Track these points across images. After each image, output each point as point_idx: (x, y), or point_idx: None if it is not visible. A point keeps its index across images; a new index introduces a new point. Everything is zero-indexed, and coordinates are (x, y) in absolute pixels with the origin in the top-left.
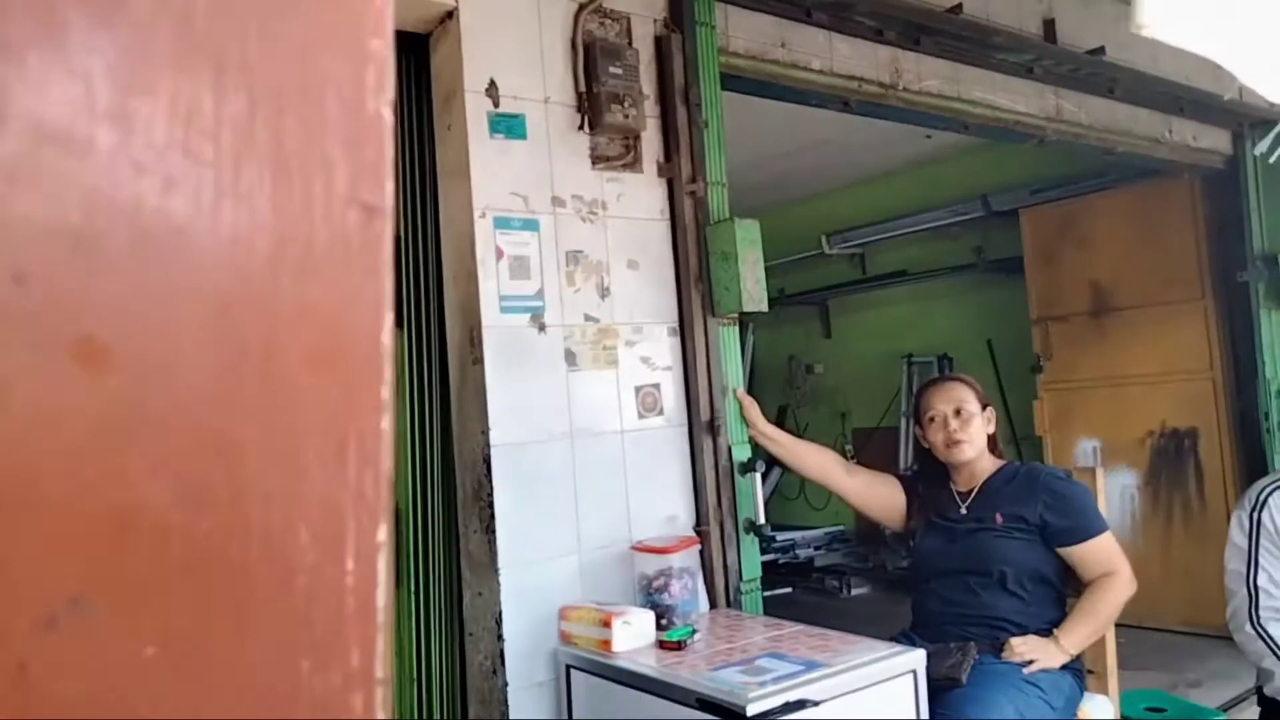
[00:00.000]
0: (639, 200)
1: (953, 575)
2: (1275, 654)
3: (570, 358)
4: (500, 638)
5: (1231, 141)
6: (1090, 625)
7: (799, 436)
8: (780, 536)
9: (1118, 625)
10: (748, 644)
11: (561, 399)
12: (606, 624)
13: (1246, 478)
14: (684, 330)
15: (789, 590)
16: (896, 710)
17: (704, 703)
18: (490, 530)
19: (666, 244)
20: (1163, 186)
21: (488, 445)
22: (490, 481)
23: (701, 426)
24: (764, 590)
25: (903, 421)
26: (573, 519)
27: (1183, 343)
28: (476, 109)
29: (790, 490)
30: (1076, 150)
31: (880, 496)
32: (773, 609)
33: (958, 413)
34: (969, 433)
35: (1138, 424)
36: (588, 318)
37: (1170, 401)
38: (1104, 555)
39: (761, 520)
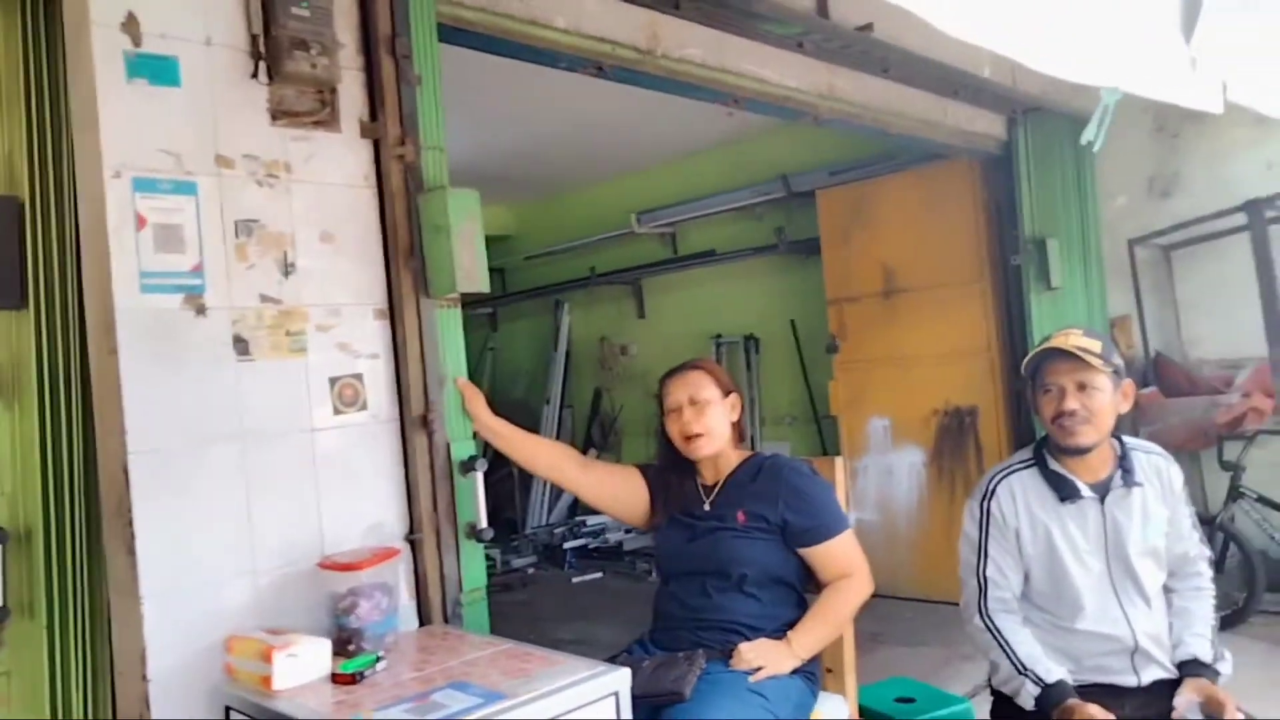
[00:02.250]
0: (335, 163)
1: (691, 576)
2: (1000, 646)
3: (240, 345)
4: (145, 677)
5: (1006, 126)
6: (823, 628)
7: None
8: (590, 521)
9: (903, 599)
10: (437, 672)
11: (228, 394)
12: (267, 657)
13: None
14: (394, 313)
15: (599, 575)
16: None
17: None
18: (133, 551)
19: (372, 214)
20: (945, 169)
21: (126, 451)
22: (129, 494)
23: (414, 421)
24: (577, 575)
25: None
26: (245, 534)
27: (964, 323)
28: (109, 47)
29: None
30: (854, 129)
31: (620, 494)
32: (585, 595)
33: (693, 402)
34: (705, 423)
35: (924, 402)
36: (265, 298)
37: (953, 380)
38: (842, 557)
39: (484, 524)
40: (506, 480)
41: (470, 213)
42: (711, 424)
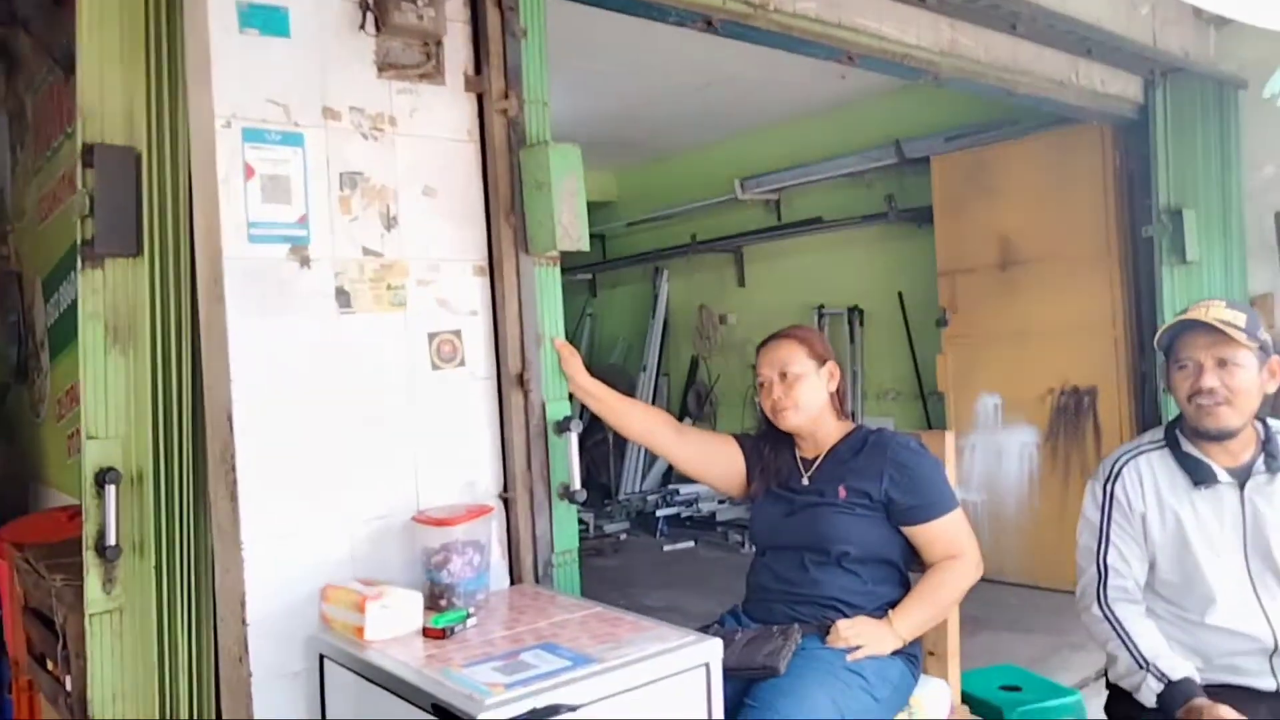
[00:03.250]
0: (439, 117)
1: (788, 550)
2: (1120, 637)
3: (343, 298)
4: (244, 621)
5: (1143, 89)
6: (928, 610)
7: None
8: (684, 489)
9: (1010, 584)
10: (526, 631)
11: (331, 345)
12: (360, 607)
13: None
14: (493, 270)
15: (691, 544)
16: (681, 710)
17: (439, 709)
18: (235, 497)
19: (474, 169)
20: (1074, 135)
21: (231, 399)
22: (233, 441)
23: (510, 379)
24: (669, 543)
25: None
26: (343, 486)
27: (1087, 298)
28: None
29: None
30: (977, 90)
31: (715, 463)
32: (676, 563)
33: (783, 376)
34: (794, 396)
35: (1039, 380)
36: (368, 251)
37: (1072, 358)
38: (950, 536)
39: (577, 485)
40: (601, 445)
41: (572, 169)
42: (802, 397)
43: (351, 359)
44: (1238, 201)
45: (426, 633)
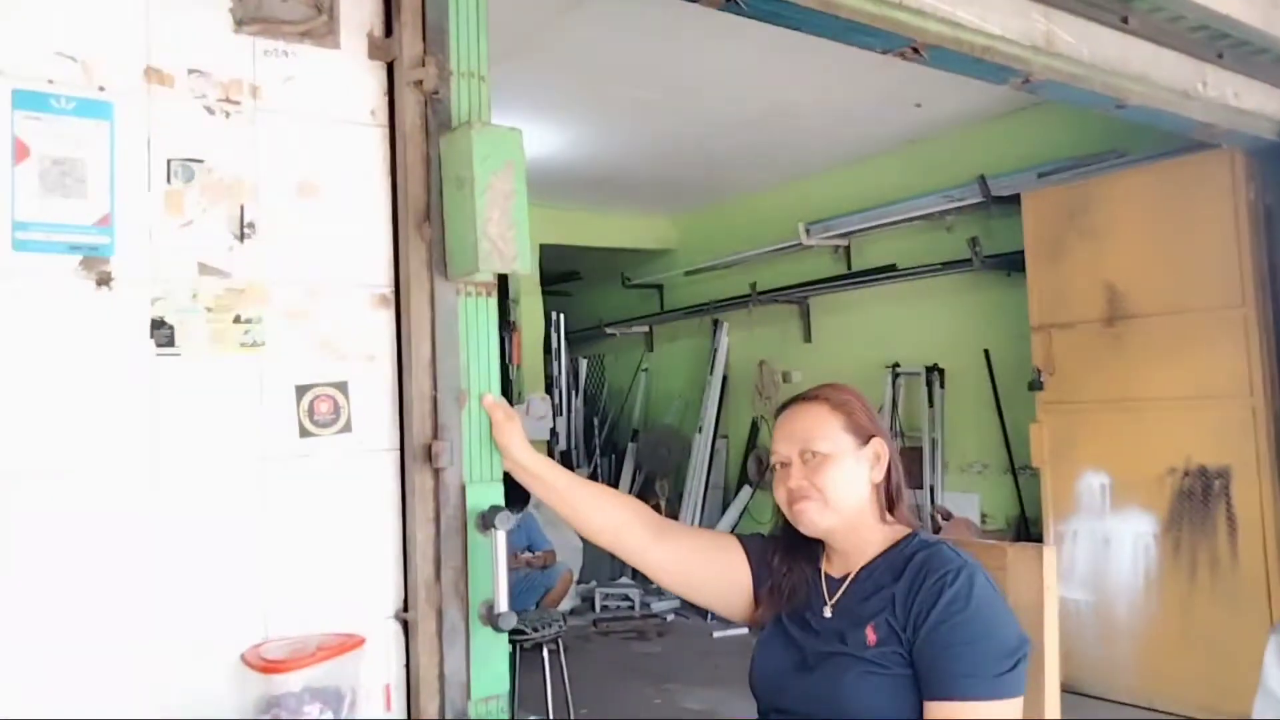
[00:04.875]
0: (328, 89)
1: (796, 717)
2: None
3: (162, 333)
4: None
5: None
6: None
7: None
8: None
9: (1118, 702)
10: None
11: (138, 400)
12: None
13: None
14: (400, 300)
15: (745, 631)
16: None
17: None
18: None
19: (379, 163)
20: (1195, 165)
21: None
22: None
23: (416, 453)
24: (720, 629)
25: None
26: (148, 604)
27: (1217, 360)
28: None
29: (762, 513)
30: (1077, 99)
31: (706, 576)
32: (726, 653)
33: (808, 455)
34: (821, 485)
35: (1157, 458)
36: (206, 269)
37: (1198, 432)
38: None
39: (504, 606)
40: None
41: (507, 160)
42: (832, 488)
43: (170, 420)
44: None
45: None
